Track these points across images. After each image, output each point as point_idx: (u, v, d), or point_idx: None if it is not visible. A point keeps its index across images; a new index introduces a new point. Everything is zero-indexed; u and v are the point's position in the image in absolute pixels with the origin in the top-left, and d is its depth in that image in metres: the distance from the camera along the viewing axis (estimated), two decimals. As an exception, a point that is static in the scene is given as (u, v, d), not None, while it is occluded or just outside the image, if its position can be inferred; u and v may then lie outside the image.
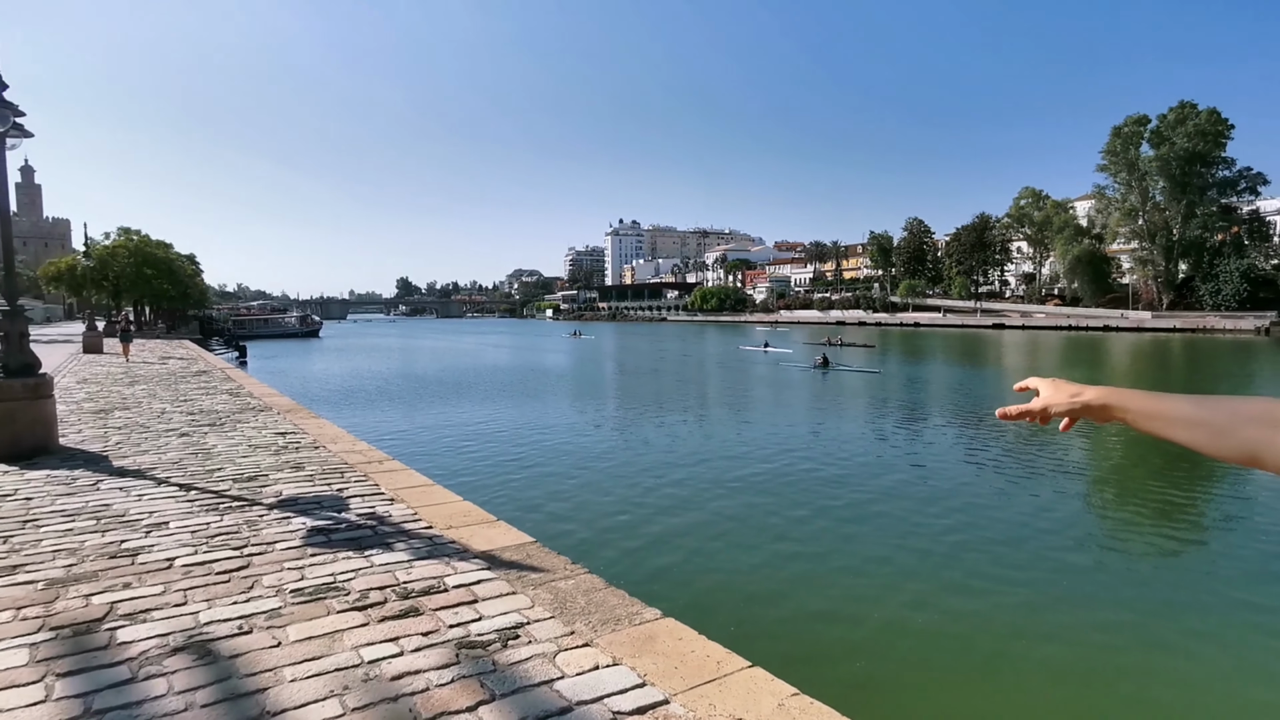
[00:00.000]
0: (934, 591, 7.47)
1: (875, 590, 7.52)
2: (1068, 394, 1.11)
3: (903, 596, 7.35)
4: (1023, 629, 6.67)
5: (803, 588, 7.64)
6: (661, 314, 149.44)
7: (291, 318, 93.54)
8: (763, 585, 7.69)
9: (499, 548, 4.32)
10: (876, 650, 6.23)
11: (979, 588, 7.60)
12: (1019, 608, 7.16)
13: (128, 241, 48.95)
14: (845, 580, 7.83)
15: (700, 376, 35.51)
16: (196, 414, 10.07)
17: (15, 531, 4.63)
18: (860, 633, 6.57)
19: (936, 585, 7.64)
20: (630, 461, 13.97)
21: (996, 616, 6.94)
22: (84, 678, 2.79)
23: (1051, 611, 7.07)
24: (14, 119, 6.99)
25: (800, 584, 7.75)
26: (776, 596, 7.40)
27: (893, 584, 7.71)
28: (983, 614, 6.97)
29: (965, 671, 5.96)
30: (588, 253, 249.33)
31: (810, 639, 6.44)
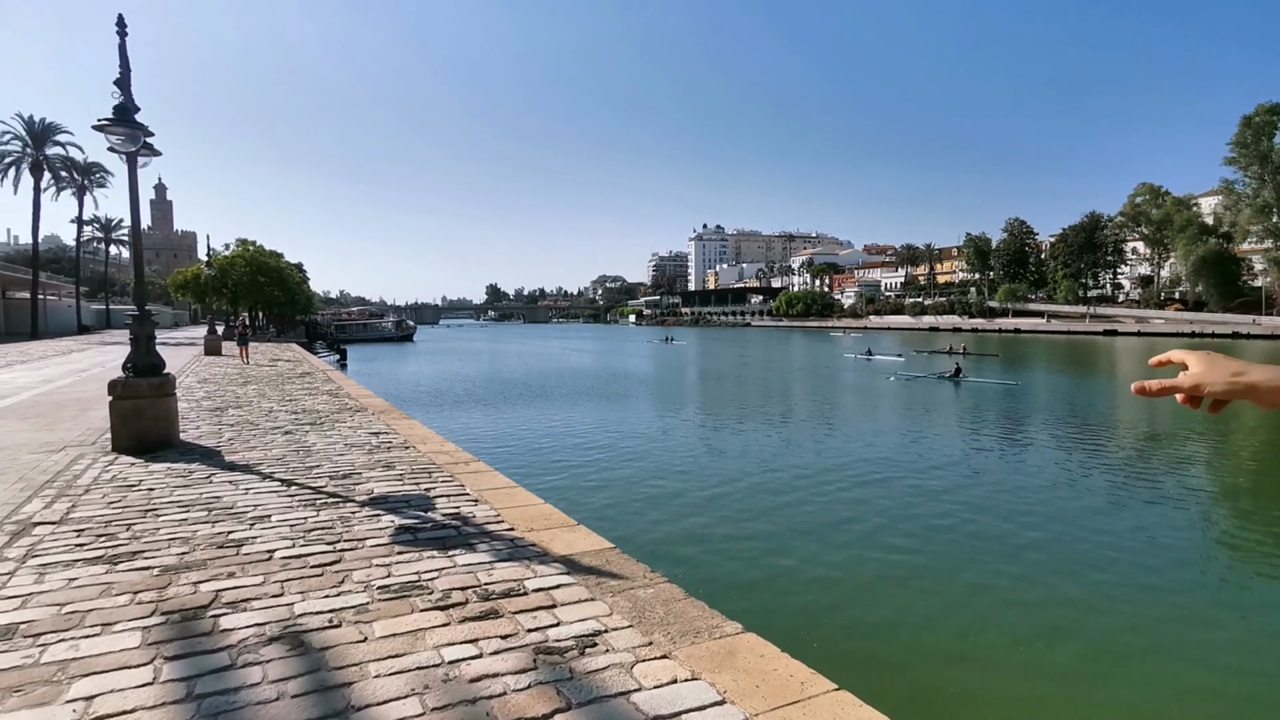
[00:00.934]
0: (1045, 624, 6.95)
1: (978, 620, 7.06)
2: (1228, 372, 0.94)
3: (1009, 628, 6.87)
4: (1155, 676, 6.10)
5: (897, 610, 7.27)
6: (745, 319, 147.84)
7: (388, 323, 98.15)
8: (853, 604, 7.38)
9: (578, 552, 4.30)
10: (975, 687, 5.84)
11: (1100, 623, 7.02)
12: (1150, 648, 6.56)
13: (244, 252, 52.74)
14: (946, 606, 7.39)
15: (809, 385, 32.46)
16: (299, 413, 10.65)
17: (137, 520, 4.99)
18: (958, 664, 6.18)
19: (1048, 618, 7.11)
20: (715, 469, 13.75)
21: (1119, 654, 6.39)
22: (188, 662, 2.94)
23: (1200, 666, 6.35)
24: (144, 139, 7.60)
25: (895, 606, 7.38)
26: (868, 617, 7.08)
27: (999, 615, 7.22)
28: (1107, 651, 6.43)
29: (1078, 710, 5.50)
30: (671, 258, 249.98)
31: (902, 665, 6.11)
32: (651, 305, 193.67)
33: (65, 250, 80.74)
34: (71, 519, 5.01)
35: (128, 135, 7.37)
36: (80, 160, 53.66)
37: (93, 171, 55.96)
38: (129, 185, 7.75)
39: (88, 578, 3.87)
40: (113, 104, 7.32)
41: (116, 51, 7.35)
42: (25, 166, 48.87)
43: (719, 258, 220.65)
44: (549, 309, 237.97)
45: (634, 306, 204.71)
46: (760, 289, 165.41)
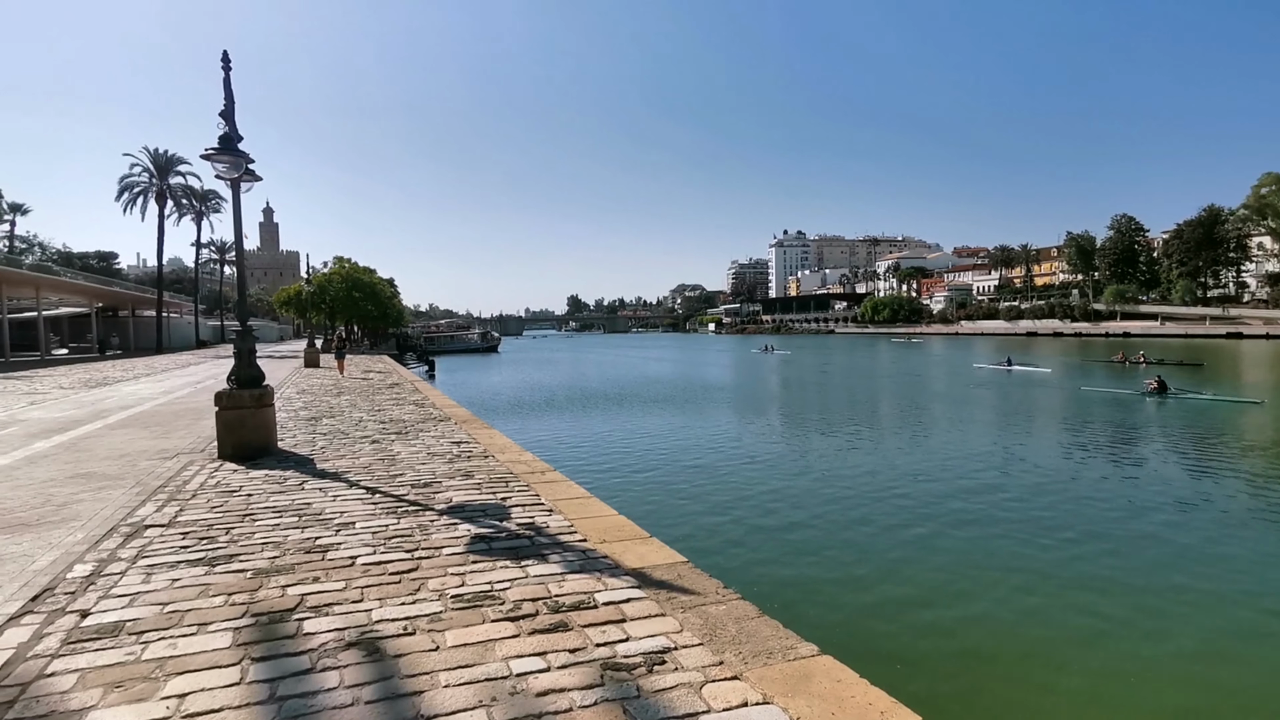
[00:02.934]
0: (1151, 659, 6.38)
1: (1079, 652, 6.55)
2: None
3: (1112, 661, 6.34)
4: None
5: (990, 640, 6.83)
6: (829, 326, 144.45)
7: (474, 334, 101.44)
8: (945, 631, 6.99)
9: (650, 565, 4.24)
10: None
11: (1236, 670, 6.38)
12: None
13: (341, 269, 55.79)
14: (1045, 637, 6.89)
15: (949, 402, 27.07)
16: (387, 423, 11.08)
17: (236, 524, 5.28)
18: (1060, 697, 5.73)
19: (1156, 652, 6.53)
20: (802, 487, 13.27)
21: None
22: (272, 664, 3.06)
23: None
24: (246, 166, 8.11)
25: (988, 635, 6.94)
26: (959, 646, 6.67)
27: (1101, 644, 6.69)
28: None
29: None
30: (751, 265, 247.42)
31: (992, 700, 5.71)
32: (731, 313, 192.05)
33: (186, 271, 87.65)
34: (179, 522, 5.36)
35: (231, 163, 7.89)
36: (198, 188, 58.27)
37: (209, 198, 60.62)
38: (233, 208, 8.30)
39: (189, 579, 4.11)
40: (218, 134, 7.86)
41: (222, 85, 7.89)
42: (151, 195, 53.48)
43: (800, 264, 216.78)
44: (628, 319, 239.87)
45: (713, 315, 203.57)
46: (843, 295, 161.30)
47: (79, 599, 3.83)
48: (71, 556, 4.56)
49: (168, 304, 56.86)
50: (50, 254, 72.92)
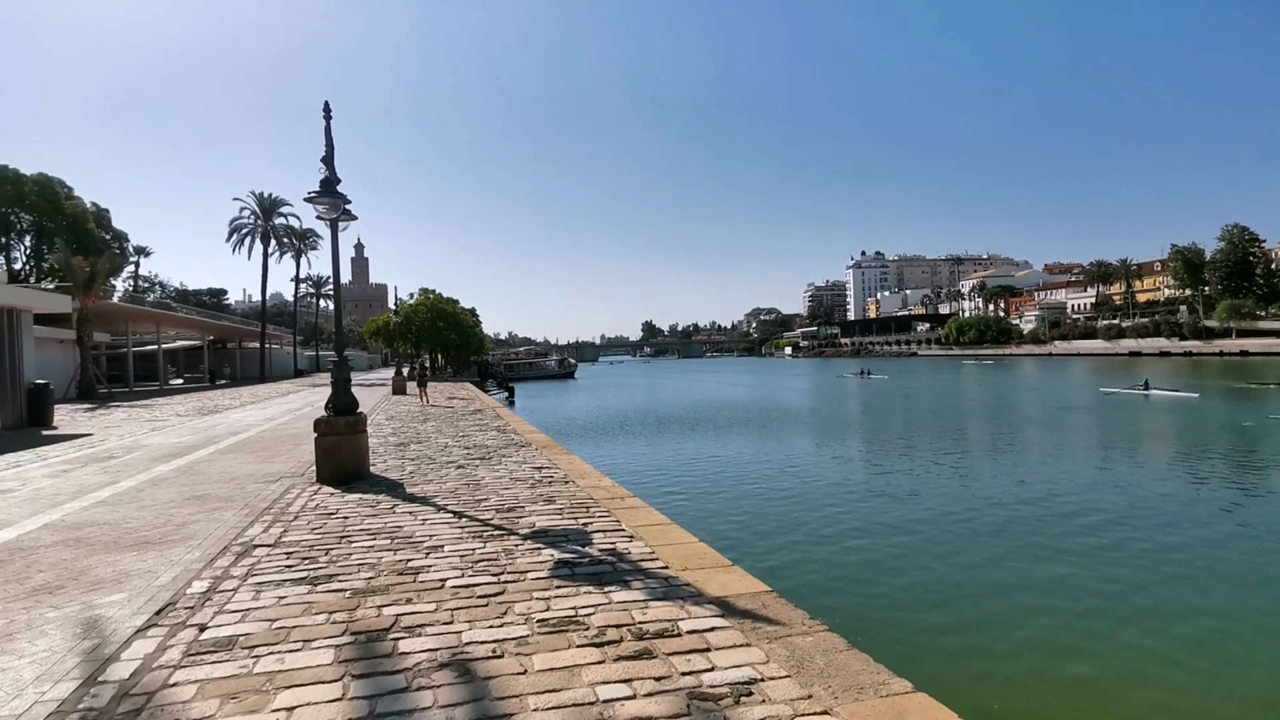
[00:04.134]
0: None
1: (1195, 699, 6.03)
2: None
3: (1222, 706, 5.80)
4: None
5: (1101, 685, 6.38)
6: (911, 348, 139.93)
7: (551, 361, 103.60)
8: (1049, 675, 6.57)
9: (733, 594, 4.19)
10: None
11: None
12: None
13: (426, 300, 58.28)
14: (1173, 685, 6.38)
15: (1078, 430, 24.71)
16: (471, 448, 11.42)
17: (334, 545, 5.55)
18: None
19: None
20: (895, 516, 12.77)
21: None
22: (371, 681, 3.18)
23: None
24: (344, 206, 8.65)
25: (1098, 680, 6.48)
26: (1061, 689, 6.26)
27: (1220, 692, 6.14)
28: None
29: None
30: (828, 288, 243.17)
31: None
32: (808, 336, 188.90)
33: (286, 305, 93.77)
34: (283, 543, 5.67)
35: (331, 204, 8.44)
36: (298, 227, 62.29)
37: (307, 237, 64.64)
38: (331, 246, 8.85)
39: (294, 597, 4.34)
40: (319, 178, 8.43)
41: (324, 133, 8.48)
42: (257, 236, 57.58)
43: (879, 285, 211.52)
44: (703, 343, 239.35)
45: (790, 338, 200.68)
46: (926, 316, 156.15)
47: (197, 614, 4.11)
48: (190, 573, 4.90)
49: (269, 336, 60.66)
50: (169, 292, 79.37)
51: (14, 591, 4.67)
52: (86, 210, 55.77)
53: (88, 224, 54.57)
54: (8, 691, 3.21)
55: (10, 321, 17.61)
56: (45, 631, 3.94)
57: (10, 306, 17.88)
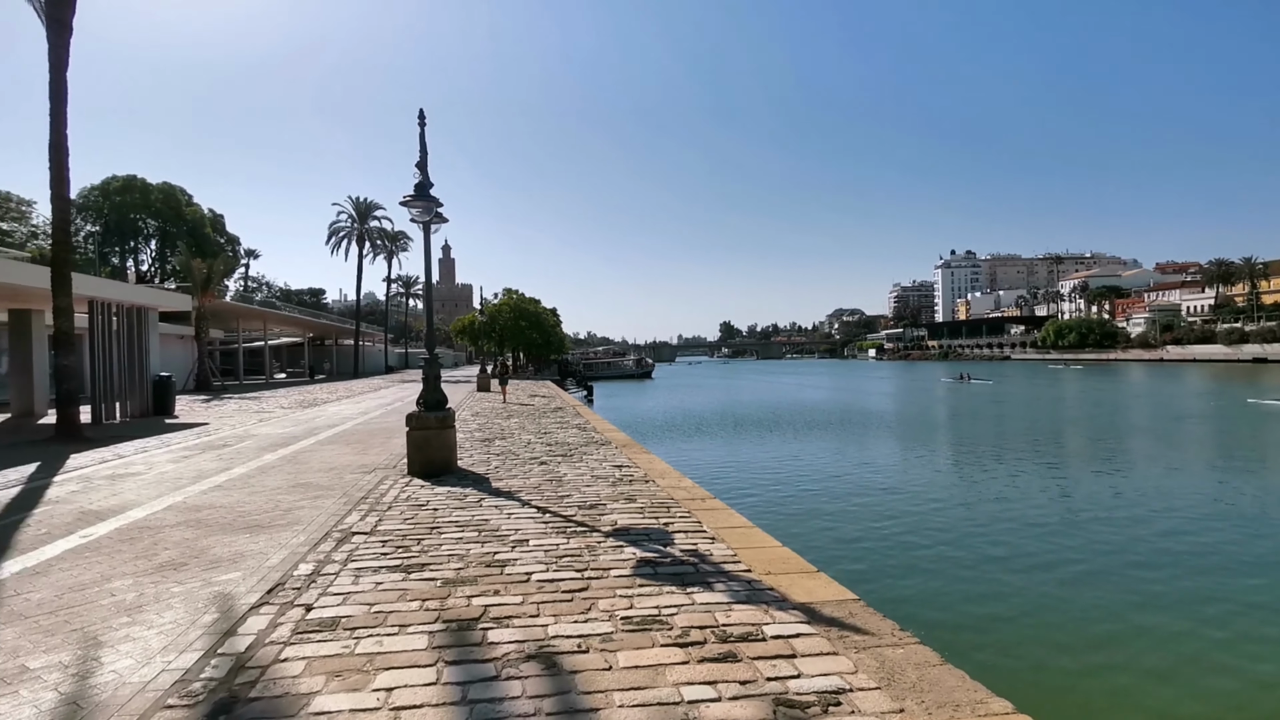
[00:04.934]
0: None
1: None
2: None
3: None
4: None
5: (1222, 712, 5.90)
6: (1004, 351, 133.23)
7: (629, 361, 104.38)
8: (1163, 698, 6.13)
9: (819, 601, 4.11)
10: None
11: None
12: None
13: (509, 300, 59.85)
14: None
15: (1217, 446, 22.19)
16: (553, 445, 11.64)
17: (425, 536, 5.77)
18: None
19: None
20: (989, 526, 12.24)
21: None
22: (463, 668, 3.30)
23: None
24: (436, 210, 8.98)
25: (1217, 706, 6.00)
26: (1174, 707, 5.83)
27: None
28: None
29: None
30: (914, 288, 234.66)
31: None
32: (893, 338, 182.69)
33: (378, 304, 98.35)
34: (379, 531, 5.95)
35: (424, 208, 8.79)
36: (390, 230, 65.25)
37: (398, 238, 67.62)
38: (424, 248, 9.22)
39: (389, 583, 4.54)
40: (413, 182, 8.79)
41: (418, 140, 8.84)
42: (353, 238, 60.70)
43: (970, 285, 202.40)
44: (782, 345, 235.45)
45: (873, 340, 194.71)
46: (1020, 318, 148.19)
47: (303, 594, 4.36)
48: (296, 556, 5.21)
49: (362, 334, 63.79)
50: (274, 291, 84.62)
51: (143, 567, 5.09)
52: (204, 216, 60.23)
53: (205, 228, 58.91)
54: (137, 659, 3.50)
55: (139, 319, 19.21)
56: (171, 605, 4.27)
57: (140, 305, 19.51)
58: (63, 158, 13.92)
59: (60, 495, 8.03)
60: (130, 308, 18.93)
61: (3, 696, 3.14)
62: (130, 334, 18.71)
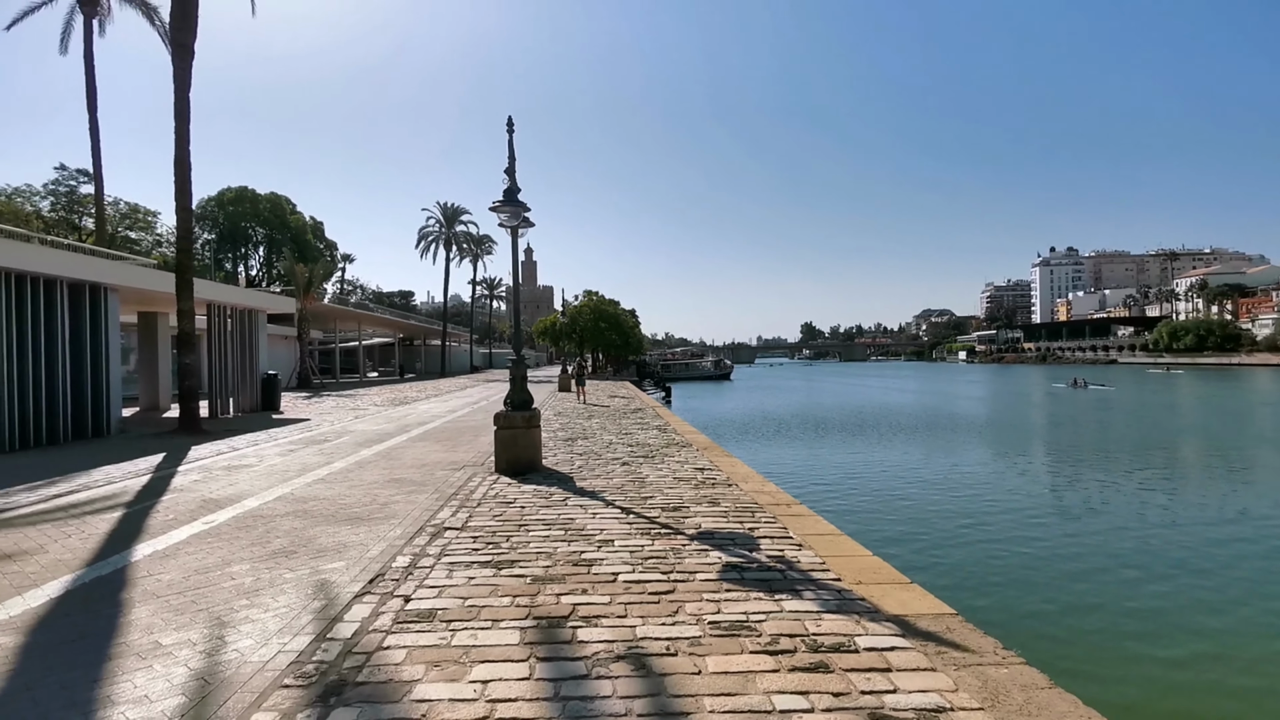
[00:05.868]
0: None
1: None
2: None
3: None
4: None
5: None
6: (1109, 354, 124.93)
7: (707, 362, 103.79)
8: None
9: (913, 614, 3.96)
10: None
11: None
12: None
13: (589, 301, 60.73)
14: None
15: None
16: (634, 446, 11.73)
17: (513, 533, 5.93)
18: None
19: None
20: (1097, 541, 11.46)
21: None
22: (554, 665, 3.36)
23: None
24: (523, 214, 9.22)
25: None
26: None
27: None
28: None
29: None
30: (1009, 287, 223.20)
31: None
32: (986, 340, 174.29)
33: (463, 305, 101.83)
34: (469, 527, 6.15)
35: (512, 213, 9.04)
36: (475, 234, 67.46)
37: (483, 242, 69.93)
38: (511, 251, 9.47)
39: (481, 578, 4.69)
40: (502, 188, 9.05)
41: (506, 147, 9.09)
42: (440, 242, 63.09)
43: (1071, 284, 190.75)
44: (866, 346, 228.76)
45: (964, 342, 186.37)
46: (1129, 319, 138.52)
47: (402, 585, 4.56)
48: (394, 549, 5.46)
49: (449, 334, 66.19)
50: (368, 294, 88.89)
51: (259, 553, 5.45)
52: (306, 223, 63.99)
53: (307, 235, 62.58)
54: (256, 640, 3.74)
55: (251, 321, 20.59)
56: (284, 590, 4.56)
57: (251, 308, 20.92)
58: (185, 172, 15.09)
59: (184, 484, 8.70)
60: (242, 310, 20.32)
61: (139, 670, 3.42)
62: (242, 335, 20.08)
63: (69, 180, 46.84)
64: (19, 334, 12.44)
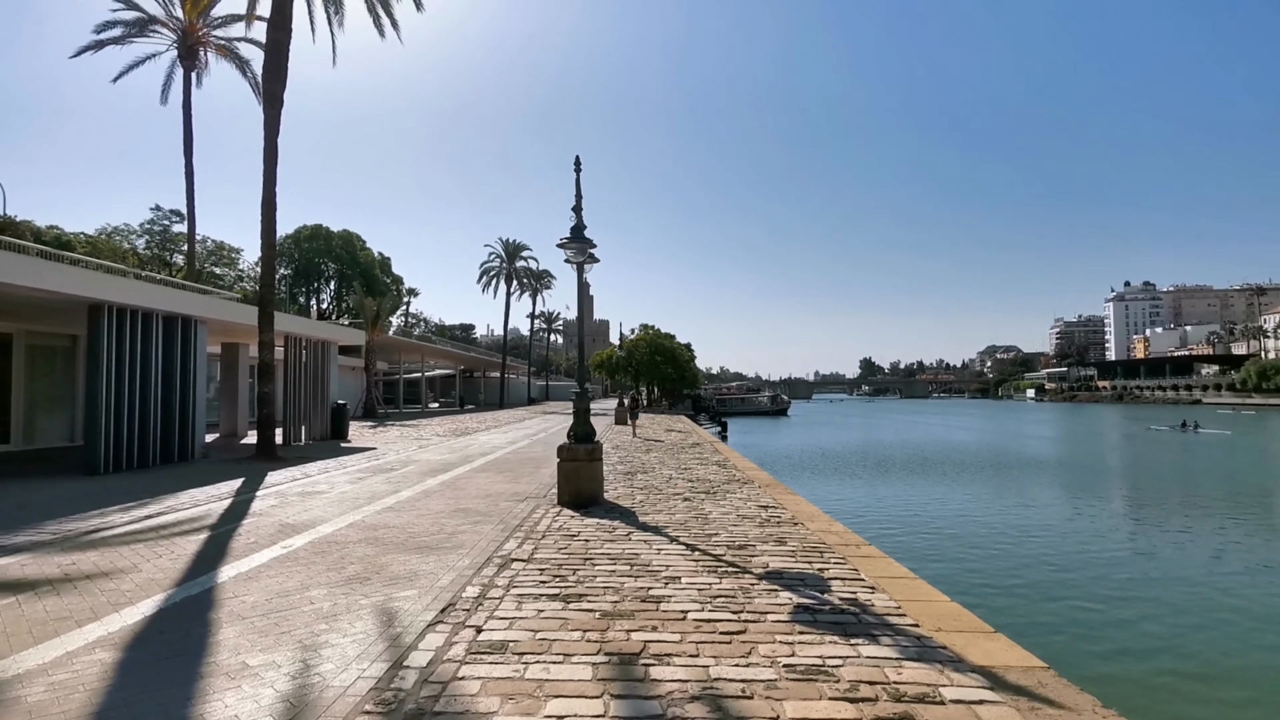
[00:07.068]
0: None
1: None
2: None
3: None
4: None
5: None
6: (1191, 394, 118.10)
7: (763, 397, 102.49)
8: None
9: (1001, 665, 3.78)
10: None
11: None
12: None
13: (646, 335, 61.09)
14: None
15: None
16: (695, 481, 11.63)
17: (579, 566, 5.93)
18: None
19: None
20: (1216, 597, 10.66)
21: None
22: (629, 703, 3.33)
23: None
24: (589, 250, 9.41)
25: None
26: None
27: None
28: None
29: None
30: (1080, 323, 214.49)
31: None
32: (1056, 378, 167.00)
33: (521, 339, 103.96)
34: (536, 559, 6.19)
35: (579, 249, 9.23)
36: (535, 269, 68.99)
37: (542, 277, 71.35)
38: (577, 287, 9.65)
39: (550, 611, 4.70)
40: (570, 225, 9.27)
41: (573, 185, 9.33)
42: (501, 277, 64.72)
43: (1148, 320, 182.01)
44: (928, 383, 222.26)
45: (1032, 379, 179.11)
46: (1214, 357, 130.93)
47: (473, 616, 4.61)
48: (463, 579, 5.53)
49: (508, 367, 67.44)
50: (431, 327, 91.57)
51: (335, 578, 5.61)
52: (375, 258, 66.64)
53: (375, 270, 65.12)
54: (337, 664, 3.83)
55: (323, 352, 21.46)
56: (360, 616, 4.66)
57: (324, 339, 21.82)
58: (271, 212, 15.99)
59: (262, 509, 9.05)
60: (316, 342, 21.21)
61: (229, 690, 3.54)
62: (316, 365, 20.93)
63: (162, 220, 50.20)
64: (118, 363, 13.26)
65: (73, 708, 3.36)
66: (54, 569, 6.01)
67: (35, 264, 12.44)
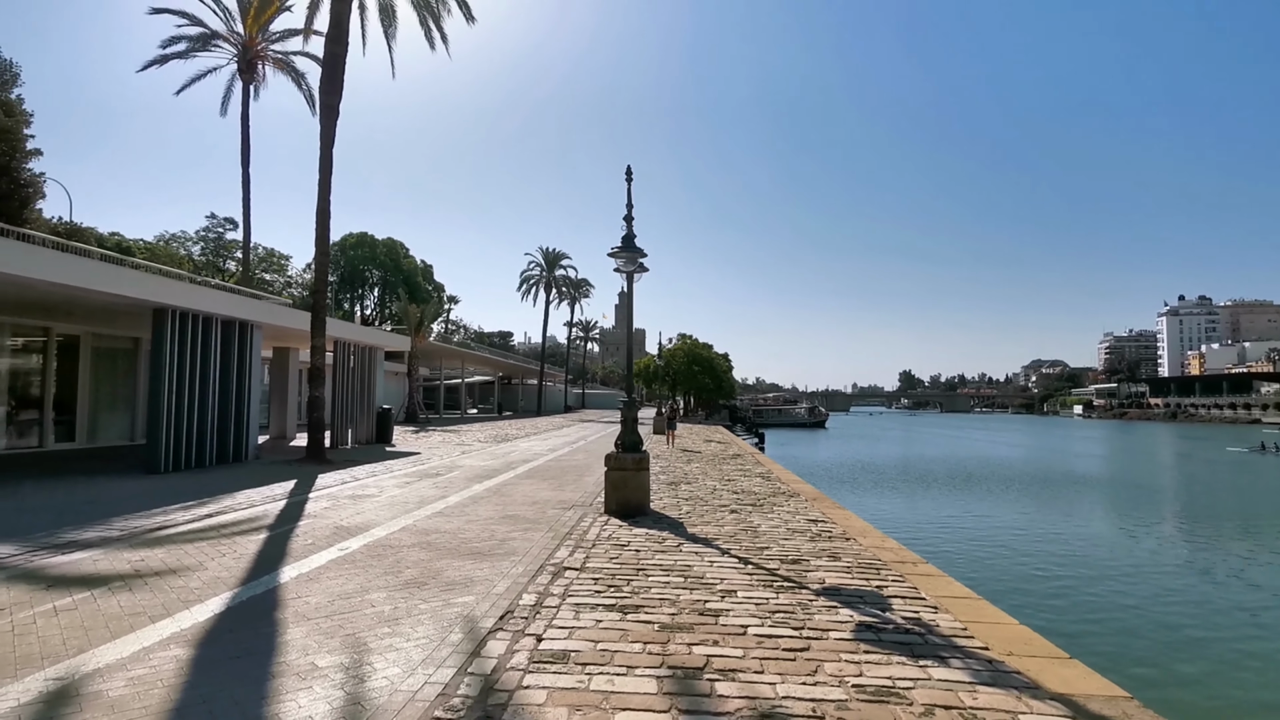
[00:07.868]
0: None
1: None
2: None
3: None
4: None
5: None
6: (1250, 413, 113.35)
7: (801, 409, 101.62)
8: None
9: (1080, 694, 3.64)
10: None
11: None
12: None
13: (684, 345, 61.05)
14: None
15: None
16: (740, 494, 11.52)
17: (632, 576, 5.91)
18: None
19: None
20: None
21: None
22: (697, 719, 3.29)
23: None
24: (639, 260, 9.43)
25: None
26: None
27: None
28: None
29: None
30: (1131, 338, 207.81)
31: None
32: (1105, 394, 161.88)
33: (559, 347, 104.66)
34: (588, 568, 6.19)
35: (629, 258, 9.26)
36: (573, 278, 69.52)
37: (581, 286, 71.88)
38: (627, 296, 9.68)
39: (608, 622, 4.68)
40: (621, 235, 9.31)
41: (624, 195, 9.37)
42: (541, 286, 65.36)
43: (1204, 336, 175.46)
44: (969, 397, 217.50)
45: (1079, 395, 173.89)
46: (1275, 375, 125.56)
47: (532, 624, 4.62)
48: (519, 587, 5.55)
49: (545, 374, 67.97)
50: (470, 334, 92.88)
51: (393, 582, 5.68)
52: (417, 266, 67.88)
53: (418, 277, 66.32)
54: (403, 669, 3.87)
55: (369, 357, 21.90)
56: (421, 621, 4.71)
57: (371, 345, 22.28)
58: (325, 220, 16.42)
59: (316, 510, 9.24)
60: (364, 347, 21.66)
61: (300, 690, 3.60)
62: (362, 370, 21.36)
63: (217, 227, 51.98)
64: (179, 365, 13.72)
65: (152, 703, 3.45)
66: (125, 565, 6.21)
67: (110, 270, 12.96)
